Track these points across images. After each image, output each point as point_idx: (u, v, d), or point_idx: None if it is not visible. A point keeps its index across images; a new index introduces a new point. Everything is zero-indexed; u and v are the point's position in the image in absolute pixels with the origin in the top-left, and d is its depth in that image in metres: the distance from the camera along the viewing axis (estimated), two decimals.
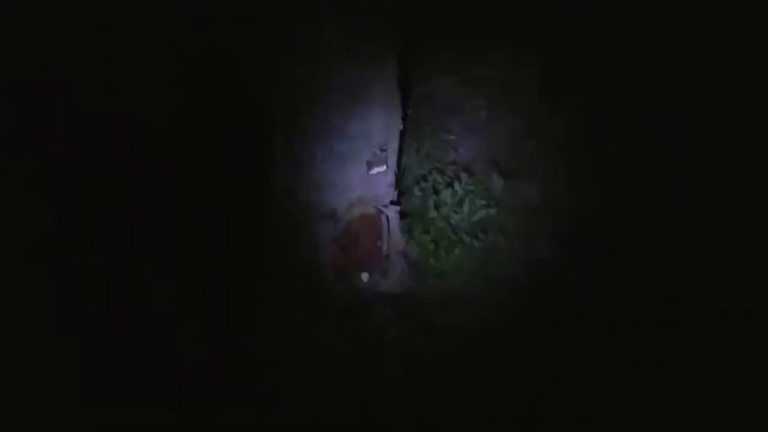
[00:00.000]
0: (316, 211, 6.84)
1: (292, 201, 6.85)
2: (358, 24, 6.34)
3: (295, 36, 6.16)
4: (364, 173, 6.82)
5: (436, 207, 8.66)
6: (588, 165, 8.10)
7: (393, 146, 7.00)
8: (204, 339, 5.88)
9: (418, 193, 8.79)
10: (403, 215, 8.08)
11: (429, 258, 8.13)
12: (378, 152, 6.74)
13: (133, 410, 5.13)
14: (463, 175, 9.34)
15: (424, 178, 9.06)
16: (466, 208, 8.78)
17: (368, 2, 6.33)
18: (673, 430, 5.72)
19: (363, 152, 6.67)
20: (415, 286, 7.79)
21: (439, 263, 8.05)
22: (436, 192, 8.88)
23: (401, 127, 7.22)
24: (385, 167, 6.92)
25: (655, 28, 7.78)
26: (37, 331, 5.09)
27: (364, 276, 7.08)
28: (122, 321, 5.45)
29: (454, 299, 7.80)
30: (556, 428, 6.16)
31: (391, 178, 7.18)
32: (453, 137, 9.40)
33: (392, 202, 7.49)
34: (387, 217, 7.21)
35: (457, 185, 9.07)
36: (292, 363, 6.39)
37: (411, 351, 6.70)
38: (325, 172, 6.52)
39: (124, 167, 5.66)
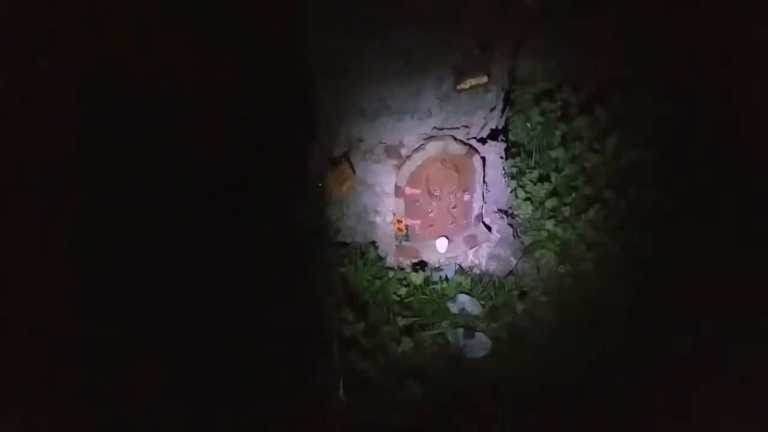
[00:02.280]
0: (373, 150, 4.39)
1: (336, 132, 4.47)
2: None
3: None
4: (449, 88, 4.11)
5: (564, 141, 5.79)
6: None
7: (504, 43, 4.13)
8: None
9: (537, 119, 5.94)
10: (508, 154, 5.35)
11: (545, 221, 5.41)
12: (474, 52, 3.94)
13: None
14: (611, 94, 6.28)
15: (549, 96, 6.14)
16: (611, 144, 5.81)
17: None
18: None
19: (447, 52, 3.91)
20: (519, 265, 5.21)
21: (561, 229, 5.32)
22: (566, 118, 5.96)
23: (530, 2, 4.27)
24: (485, 78, 4.12)
25: None
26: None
27: (441, 244, 4.65)
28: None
29: (579, 287, 5.11)
30: None
31: (494, 97, 4.39)
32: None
33: (493, 135, 4.76)
34: (483, 158, 4.54)
35: (600, 109, 6.08)
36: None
37: (495, 375, 4.33)
38: (381, 86, 3.92)
39: None
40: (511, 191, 5.49)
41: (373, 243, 5.11)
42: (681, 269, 4.88)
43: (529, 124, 6.04)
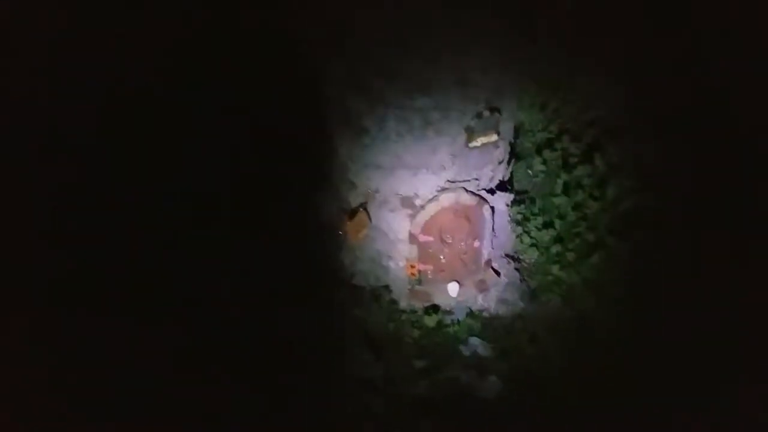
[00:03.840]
0: (389, 200, 4.72)
1: (355, 184, 4.82)
2: None
3: None
4: (462, 145, 4.50)
5: (566, 190, 6.10)
6: None
7: (509, 104, 4.54)
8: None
9: (539, 168, 6.26)
10: (514, 202, 5.69)
11: (550, 266, 5.69)
12: (485, 113, 4.35)
13: None
14: (608, 143, 6.60)
15: (550, 146, 6.47)
16: (611, 192, 6.11)
17: None
18: None
19: (460, 113, 4.32)
20: (527, 307, 5.47)
21: (566, 274, 5.59)
22: (567, 167, 6.28)
23: (523, 72, 4.70)
24: (495, 136, 4.52)
25: None
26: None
27: (453, 288, 4.94)
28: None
29: (585, 330, 5.36)
30: None
31: (502, 152, 4.78)
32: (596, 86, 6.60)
33: (501, 186, 5.12)
34: (492, 208, 4.89)
35: (598, 158, 6.39)
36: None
37: (506, 416, 4.54)
38: (402, 144, 4.30)
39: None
40: (517, 237, 5.79)
41: (387, 287, 5.38)
42: (683, 311, 5.14)
43: (530, 172, 6.36)
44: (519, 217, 5.96)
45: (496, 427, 4.78)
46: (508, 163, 5.33)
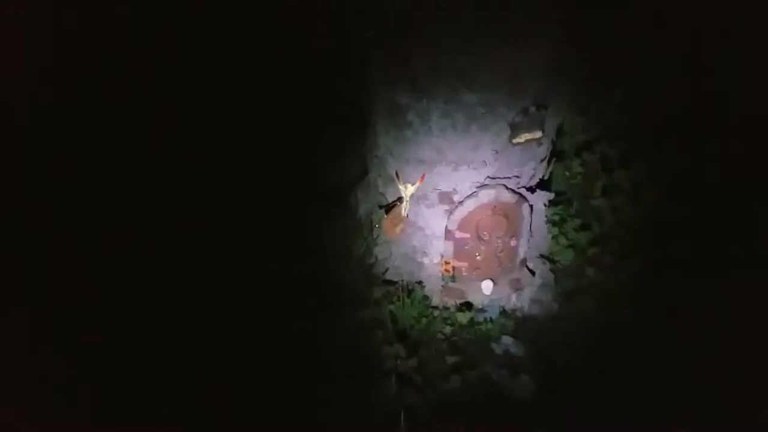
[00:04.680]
0: (427, 196, 4.75)
1: (391, 180, 4.85)
2: None
3: None
4: (505, 142, 4.50)
5: (605, 192, 6.05)
6: None
7: (556, 102, 4.53)
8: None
9: (577, 169, 6.21)
10: (552, 203, 5.66)
11: (586, 268, 5.65)
12: (531, 109, 4.34)
13: None
14: (649, 148, 6.54)
15: (589, 148, 6.42)
16: (649, 198, 6.05)
17: None
18: None
19: (506, 109, 4.32)
20: (560, 309, 5.43)
21: (602, 277, 5.54)
22: (607, 169, 6.22)
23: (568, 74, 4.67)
24: (540, 133, 4.52)
25: None
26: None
27: (487, 286, 4.94)
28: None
29: (620, 335, 5.31)
30: None
31: (544, 149, 4.77)
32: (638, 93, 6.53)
33: (541, 185, 5.10)
34: (531, 206, 4.87)
35: (639, 163, 6.32)
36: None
37: (538, 416, 4.53)
38: (445, 139, 4.32)
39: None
40: (553, 237, 5.76)
41: (420, 282, 5.41)
42: (718, 321, 5.07)
43: (568, 173, 6.31)
44: (556, 218, 5.93)
45: (525, 427, 4.76)
46: (549, 162, 5.30)
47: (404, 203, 4.89)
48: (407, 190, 4.81)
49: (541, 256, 5.75)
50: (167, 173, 4.83)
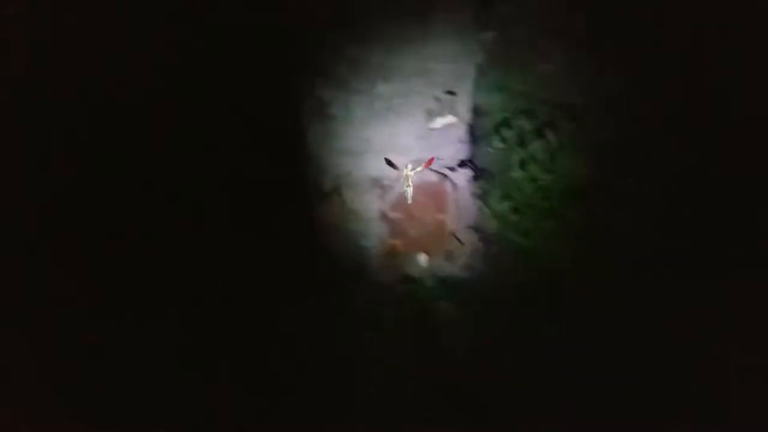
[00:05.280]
0: (359, 180, 5.15)
1: (327, 168, 5.22)
2: None
3: None
4: (423, 127, 4.97)
5: (522, 164, 6.64)
6: None
7: (466, 88, 5.03)
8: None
9: (498, 145, 6.75)
10: (475, 178, 6.19)
11: (510, 233, 6.25)
12: (443, 96, 4.83)
13: None
14: (561, 119, 7.15)
15: (506, 124, 6.96)
16: (562, 164, 6.68)
17: None
18: None
19: (421, 98, 4.78)
20: (490, 272, 6.02)
21: (525, 240, 6.17)
22: (522, 143, 6.81)
23: (479, 58, 5.18)
24: (453, 118, 5.02)
25: None
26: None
27: (422, 258, 5.44)
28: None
29: (542, 289, 5.98)
30: None
31: (462, 132, 5.28)
32: (550, 66, 7.12)
33: (463, 163, 5.62)
34: (454, 183, 5.40)
35: (550, 133, 6.93)
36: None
37: (478, 364, 5.12)
38: (370, 127, 4.73)
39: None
40: (479, 209, 6.32)
41: (363, 263, 5.86)
42: (630, 273, 5.81)
43: (491, 150, 6.88)
44: (480, 191, 6.50)
45: (463, 377, 5.38)
46: (470, 142, 5.82)
47: (405, 186, 5.33)
48: (407, 171, 5.26)
49: (470, 227, 6.30)
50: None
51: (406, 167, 5.36)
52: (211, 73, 4.96)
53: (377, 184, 5.33)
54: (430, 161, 5.38)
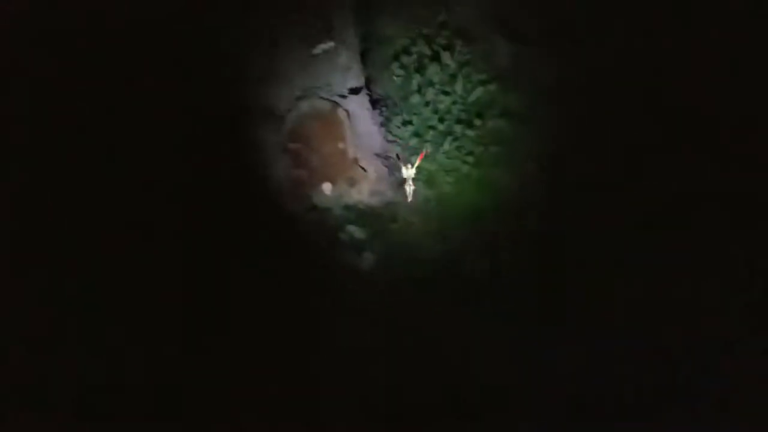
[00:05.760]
0: (251, 112, 5.30)
1: (216, 101, 5.31)
2: None
3: None
4: (305, 55, 5.12)
5: (420, 89, 6.91)
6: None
7: (343, 13, 5.16)
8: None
9: (398, 72, 6.97)
10: (376, 105, 6.43)
11: (410, 157, 6.60)
12: (317, 24, 4.96)
13: None
14: (457, 42, 7.41)
15: (406, 51, 7.16)
16: (459, 86, 7.02)
17: None
18: None
19: (293, 27, 4.91)
20: (395, 196, 6.40)
21: (426, 163, 6.54)
22: (421, 68, 7.04)
23: None
24: (331, 44, 5.18)
25: None
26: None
27: (326, 187, 5.74)
28: None
29: (444, 212, 6.43)
30: None
31: (346, 58, 5.46)
32: None
33: (353, 91, 5.83)
34: (347, 111, 5.63)
35: (447, 56, 7.20)
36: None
37: (386, 282, 5.56)
38: (249, 58, 4.84)
39: None
40: (383, 137, 6.60)
41: (272, 193, 6.09)
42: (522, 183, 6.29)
43: (395, 78, 7.07)
44: (381, 118, 6.76)
45: (369, 285, 5.84)
46: (364, 68, 6.02)
47: (408, 184, 5.70)
48: (409, 172, 5.59)
49: (375, 154, 6.60)
50: None
51: (407, 166, 5.72)
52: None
53: (269, 115, 5.49)
54: (421, 156, 5.85)
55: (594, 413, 5.37)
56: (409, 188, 6.03)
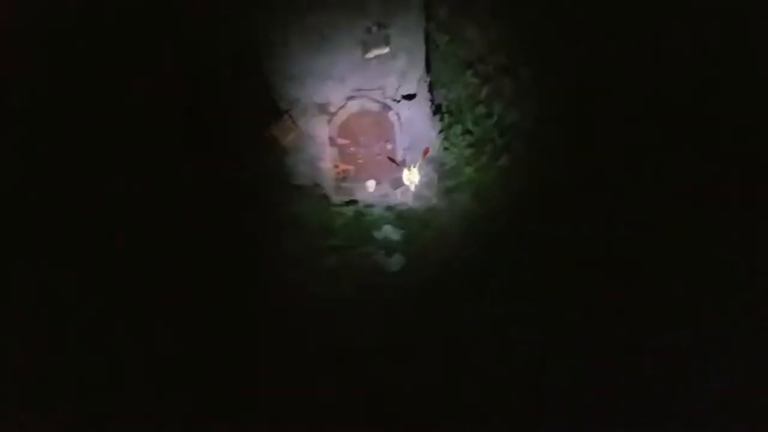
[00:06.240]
0: (308, 108, 5.69)
1: (271, 95, 5.77)
2: None
3: None
4: (358, 58, 5.38)
5: (488, 100, 6.83)
6: None
7: (401, 20, 5.33)
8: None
9: (471, 80, 6.96)
10: (437, 110, 6.52)
11: (465, 168, 6.60)
12: (374, 29, 5.19)
13: None
14: (535, 58, 7.21)
15: (482, 60, 7.13)
16: (529, 102, 6.83)
17: None
18: None
19: (353, 30, 5.17)
20: (439, 202, 6.46)
21: (478, 175, 6.51)
22: (493, 79, 6.94)
23: None
24: (386, 49, 5.37)
25: None
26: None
27: (370, 185, 5.99)
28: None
29: (489, 226, 6.36)
30: None
31: (404, 63, 5.63)
32: None
33: (407, 97, 5.99)
34: (398, 115, 5.81)
35: (523, 71, 7.02)
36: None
37: (412, 285, 5.67)
38: (306, 56, 5.22)
39: None
40: (441, 144, 6.67)
41: (318, 185, 6.48)
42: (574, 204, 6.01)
43: (466, 86, 7.07)
44: (441, 125, 6.82)
45: (397, 289, 5.97)
46: (428, 74, 6.15)
47: (411, 183, 5.98)
48: (411, 175, 5.89)
49: (427, 158, 6.69)
50: None
51: (408, 167, 5.90)
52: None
53: (323, 109, 5.84)
54: (426, 151, 5.98)
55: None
56: (412, 186, 6.06)
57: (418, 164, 6.10)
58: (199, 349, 5.44)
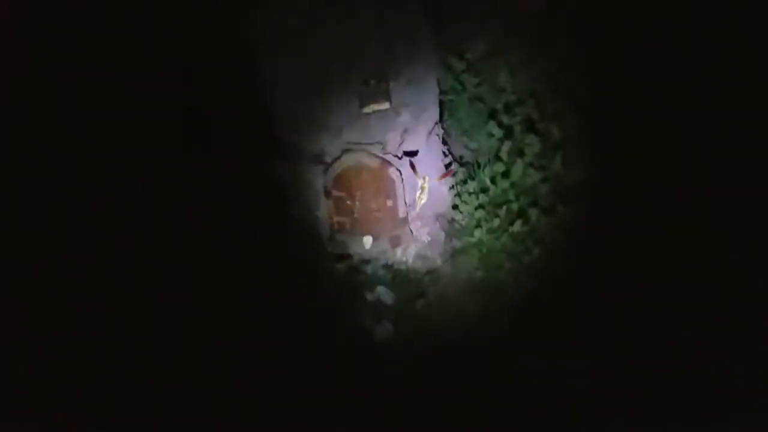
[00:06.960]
0: (304, 156, 5.35)
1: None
2: None
3: None
4: (356, 110, 4.96)
5: (508, 157, 6.26)
6: None
7: (408, 75, 4.89)
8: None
9: (494, 131, 6.43)
10: (450, 163, 6.02)
11: (475, 230, 6.04)
12: (372, 82, 4.75)
13: None
14: (567, 113, 6.62)
15: (508, 110, 6.60)
16: (556, 163, 6.23)
17: None
18: None
19: (349, 81, 4.78)
20: (442, 265, 5.94)
21: (488, 238, 5.94)
22: (517, 133, 6.39)
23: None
24: (387, 104, 4.93)
25: None
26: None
27: (367, 240, 5.56)
28: None
29: (492, 296, 5.79)
30: None
31: (407, 119, 5.17)
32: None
33: (409, 153, 5.52)
34: (400, 171, 5.35)
35: (554, 128, 6.44)
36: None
37: (397, 357, 5.21)
38: (302, 104, 4.87)
39: None
40: (452, 200, 6.15)
41: (315, 235, 6.08)
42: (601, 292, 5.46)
43: (488, 138, 6.49)
44: (452, 179, 6.27)
45: (383, 366, 5.49)
46: (442, 128, 5.71)
47: (419, 193, 5.64)
48: (424, 183, 5.57)
49: (437, 215, 6.18)
50: None
51: (423, 178, 5.52)
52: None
53: (318, 159, 5.46)
54: (448, 173, 5.78)
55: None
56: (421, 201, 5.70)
57: (434, 179, 5.75)
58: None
